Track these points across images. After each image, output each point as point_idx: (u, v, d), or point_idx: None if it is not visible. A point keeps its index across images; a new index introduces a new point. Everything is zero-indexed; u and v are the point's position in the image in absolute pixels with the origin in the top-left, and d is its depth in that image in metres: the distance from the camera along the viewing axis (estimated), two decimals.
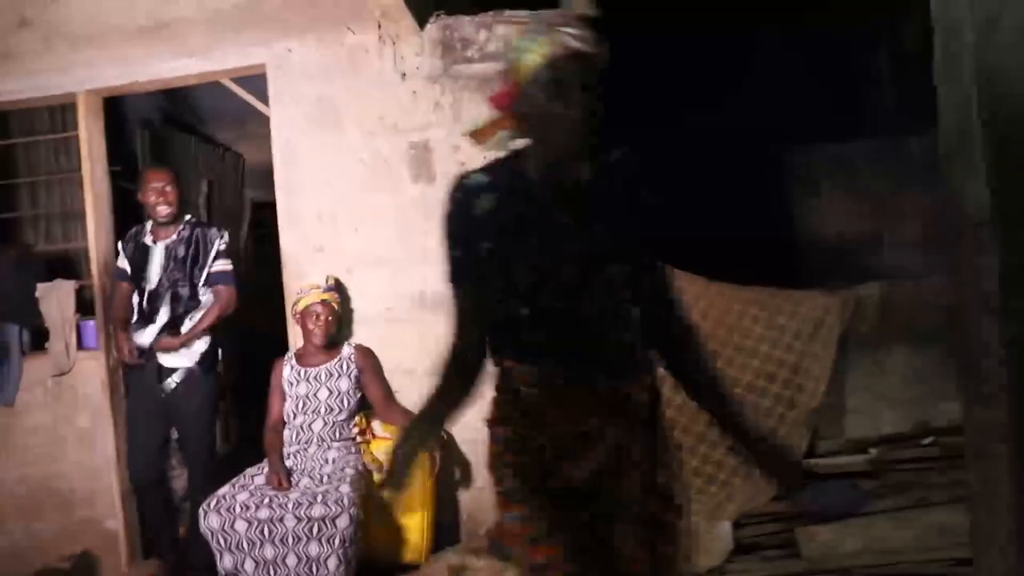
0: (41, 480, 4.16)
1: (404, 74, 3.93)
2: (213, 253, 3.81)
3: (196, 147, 5.96)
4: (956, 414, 2.05)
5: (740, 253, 5.48)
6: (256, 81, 4.37)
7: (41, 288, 4.21)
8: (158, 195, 3.79)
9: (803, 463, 3.41)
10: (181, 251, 3.80)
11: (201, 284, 3.79)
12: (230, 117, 6.80)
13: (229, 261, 3.86)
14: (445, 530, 3.72)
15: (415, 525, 3.55)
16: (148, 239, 3.86)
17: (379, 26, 3.92)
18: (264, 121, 6.25)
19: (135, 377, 3.87)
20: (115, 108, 4.65)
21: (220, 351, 3.88)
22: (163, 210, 3.79)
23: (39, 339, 4.26)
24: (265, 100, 4.32)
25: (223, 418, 4.74)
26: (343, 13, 3.95)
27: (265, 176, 7.27)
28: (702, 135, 5.88)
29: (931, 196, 3.65)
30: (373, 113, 3.94)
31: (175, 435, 3.91)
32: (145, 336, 3.74)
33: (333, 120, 3.98)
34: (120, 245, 3.96)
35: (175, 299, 3.78)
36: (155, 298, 3.78)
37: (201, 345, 3.77)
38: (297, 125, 4.00)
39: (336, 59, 3.98)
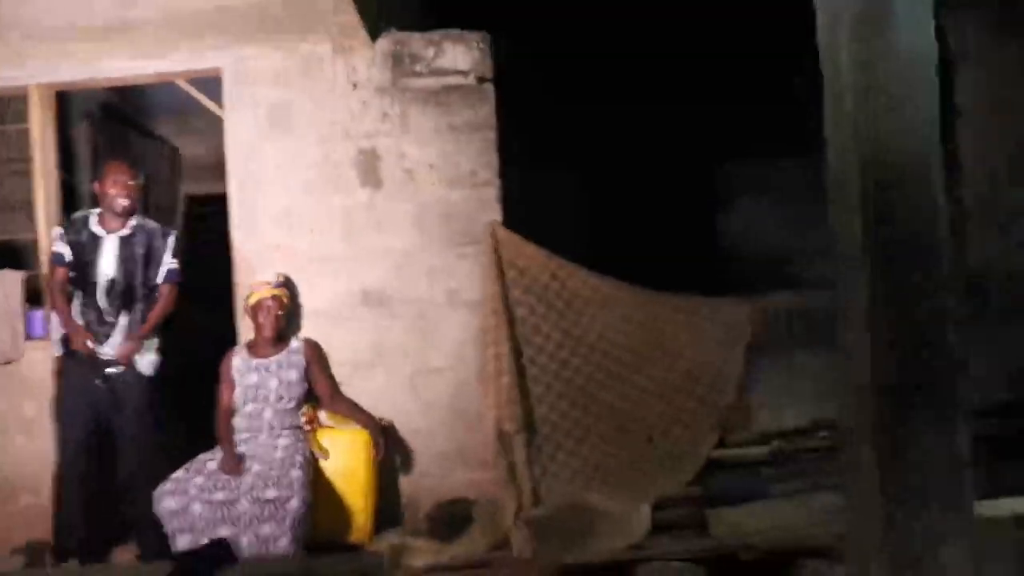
0: None
1: (356, 84, 4.17)
2: (169, 252, 3.95)
3: (135, 141, 6.03)
4: None
5: (669, 264, 5.88)
6: (207, 81, 4.54)
7: None
8: (120, 188, 3.88)
9: (712, 453, 3.79)
10: (137, 247, 3.90)
11: (158, 281, 3.93)
12: (171, 111, 6.91)
13: (176, 260, 3.99)
14: (386, 513, 3.97)
15: (359, 508, 3.79)
16: (97, 229, 3.92)
17: (334, 38, 4.14)
18: (205, 116, 6.41)
19: (74, 366, 3.89)
20: (57, 99, 4.72)
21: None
22: (122, 203, 3.89)
23: None
24: (215, 99, 4.50)
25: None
26: (299, 23, 4.16)
27: (203, 170, 7.41)
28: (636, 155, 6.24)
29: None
30: (325, 119, 4.17)
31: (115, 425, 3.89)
32: (108, 346, 3.83)
33: (286, 125, 4.18)
34: (59, 231, 4.00)
35: (132, 296, 3.88)
36: (112, 293, 3.86)
37: (149, 344, 3.92)
38: (252, 128, 4.19)
39: (291, 66, 4.19)
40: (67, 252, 3.90)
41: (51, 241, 4.08)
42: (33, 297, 4.34)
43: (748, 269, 6.07)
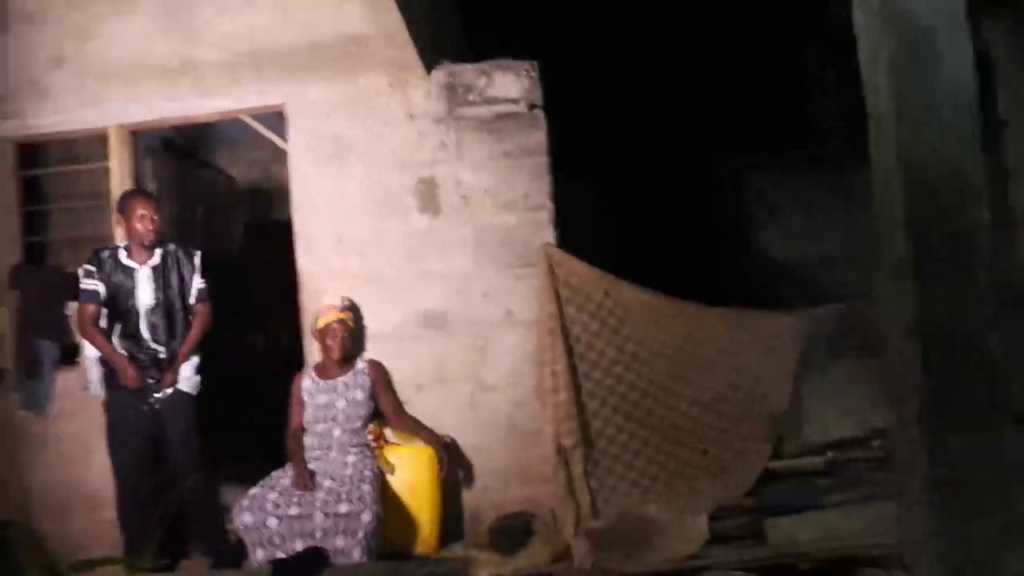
0: (71, 484, 4.49)
1: (412, 115, 4.36)
2: (197, 272, 4.12)
3: (195, 172, 6.30)
4: None
5: (713, 276, 5.98)
6: (270, 116, 4.79)
7: (72, 307, 4.54)
8: (147, 222, 4.01)
9: (767, 464, 3.87)
10: (170, 273, 4.06)
11: (192, 302, 4.09)
12: (226, 141, 7.22)
13: (204, 279, 4.15)
14: (450, 526, 4.12)
15: (425, 521, 3.95)
16: (129, 262, 4.05)
17: (389, 71, 4.34)
18: (260, 146, 6.68)
19: (120, 398, 4.01)
20: None
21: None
22: (150, 237, 4.02)
23: (70, 355, 4.59)
24: (275, 130, 4.73)
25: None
26: (356, 59, 4.36)
27: (253, 197, 7.70)
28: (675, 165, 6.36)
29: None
30: (383, 150, 4.36)
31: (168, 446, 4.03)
32: (153, 373, 3.98)
33: (346, 156, 4.39)
34: (90, 269, 4.04)
35: (172, 321, 4.04)
36: (153, 322, 4.01)
37: (189, 363, 4.09)
38: (314, 160, 4.41)
39: (349, 100, 4.39)
40: (101, 289, 4.00)
41: (79, 279, 4.10)
42: None
43: (794, 279, 6.13)
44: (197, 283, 4.12)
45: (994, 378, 2.01)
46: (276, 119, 4.99)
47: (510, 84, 4.34)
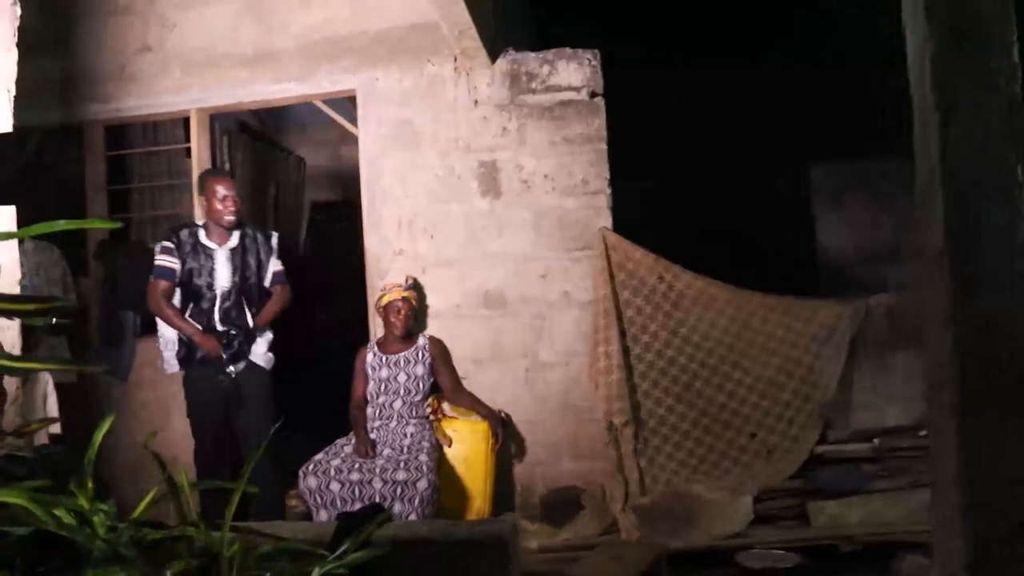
0: (151, 446, 4.79)
1: (476, 101, 4.51)
2: (274, 254, 4.17)
3: (267, 153, 6.56)
4: None
5: (768, 263, 6.02)
6: (341, 101, 4.99)
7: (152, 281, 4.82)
8: (229, 203, 4.02)
9: (815, 448, 3.95)
10: (248, 255, 4.08)
11: (267, 284, 4.15)
12: (296, 124, 7.49)
13: (280, 261, 4.21)
14: (502, 498, 4.30)
15: (478, 492, 4.13)
16: (208, 242, 4.05)
17: (455, 59, 4.50)
18: (327, 129, 6.90)
19: (197, 373, 4.04)
20: None
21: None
22: (229, 218, 4.03)
23: (151, 325, 4.88)
24: (343, 114, 4.94)
25: None
26: (424, 47, 4.54)
27: (325, 178, 7.96)
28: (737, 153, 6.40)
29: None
30: (448, 135, 4.53)
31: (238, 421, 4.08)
32: (228, 351, 3.98)
33: (413, 140, 4.57)
34: (168, 246, 4.03)
35: (249, 303, 4.07)
36: (229, 303, 4.03)
37: (264, 339, 4.14)
38: (381, 143, 4.60)
39: (416, 87, 4.57)
40: (177, 268, 4.02)
41: (155, 255, 4.12)
42: None
43: (847, 269, 6.13)
44: (274, 266, 4.16)
45: None
46: (347, 103, 5.21)
47: (572, 72, 4.45)
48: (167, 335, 4.12)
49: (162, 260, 4.05)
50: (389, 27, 4.59)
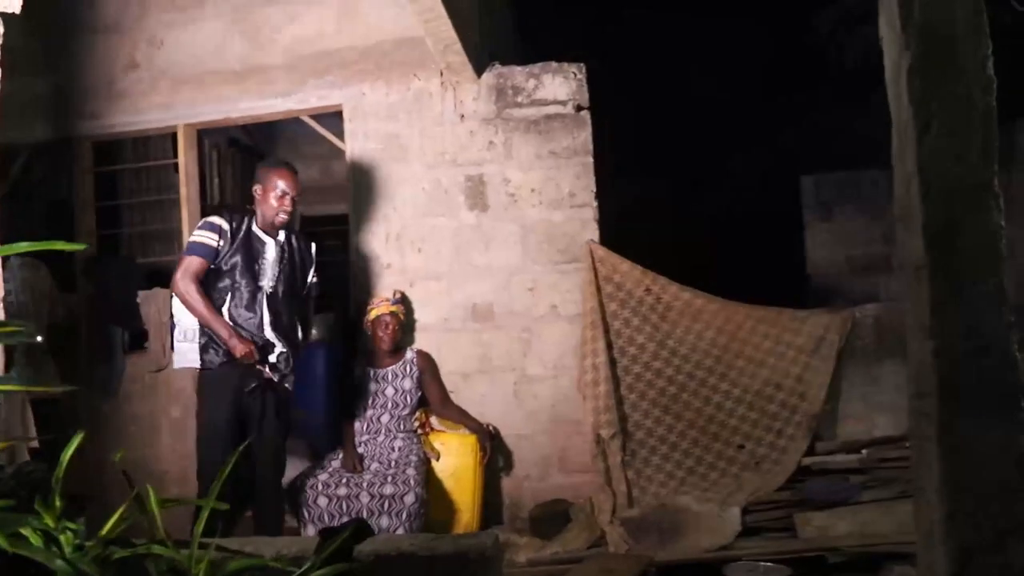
0: (140, 462, 4.77)
1: (463, 115, 4.53)
2: (314, 265, 3.89)
3: (254, 165, 6.53)
4: None
5: (757, 274, 6.05)
6: (330, 116, 5.00)
7: (142, 295, 4.82)
8: (283, 200, 3.63)
9: (803, 460, 3.94)
10: (295, 255, 3.73)
11: (303, 294, 3.82)
12: (283, 138, 7.50)
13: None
14: (491, 511, 4.28)
15: (466, 505, 4.12)
16: (259, 232, 3.65)
17: (441, 74, 4.52)
18: (317, 144, 6.91)
19: (221, 377, 3.54)
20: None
21: None
22: (283, 218, 3.65)
23: (139, 340, 4.87)
24: (331, 129, 4.95)
25: None
26: (410, 61, 4.55)
27: (316, 192, 7.95)
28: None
29: None
30: (435, 149, 4.54)
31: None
32: (270, 357, 3.56)
33: (400, 154, 4.58)
34: (218, 222, 3.57)
35: (289, 306, 3.67)
36: (273, 303, 3.61)
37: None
38: (368, 157, 4.61)
39: (403, 101, 4.59)
40: (218, 249, 3.53)
41: (196, 227, 3.70)
42: None
43: (837, 280, 6.15)
44: (312, 276, 3.87)
45: (1012, 379, 2.08)
46: (335, 119, 5.21)
47: (558, 86, 4.48)
48: (186, 322, 3.61)
49: (202, 236, 3.54)
50: (375, 42, 4.61)
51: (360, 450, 4.08)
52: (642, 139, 6.07)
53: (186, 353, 3.64)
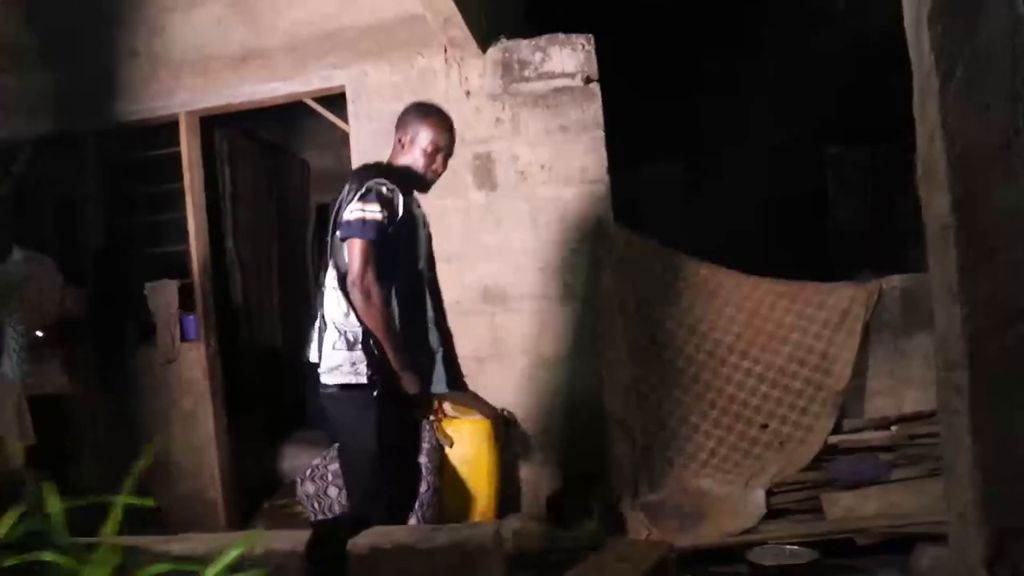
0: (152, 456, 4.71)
1: (468, 92, 4.39)
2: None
3: (269, 156, 6.46)
4: None
5: (779, 246, 5.87)
6: (332, 97, 4.89)
7: (149, 287, 4.76)
8: (435, 158, 2.88)
9: (829, 438, 3.79)
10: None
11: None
12: (298, 125, 7.41)
13: None
14: (508, 499, 4.17)
15: (482, 493, 4.00)
16: (414, 207, 2.82)
17: (445, 50, 4.38)
18: (332, 130, 6.81)
19: (380, 402, 2.76)
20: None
21: None
22: (433, 177, 2.88)
23: (149, 332, 4.81)
24: (339, 113, 4.84)
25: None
26: (413, 39, 4.42)
27: (331, 181, 7.86)
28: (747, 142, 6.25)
29: None
30: None
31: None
32: (438, 379, 2.92)
33: None
34: (381, 189, 2.66)
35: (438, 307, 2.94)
36: (436, 296, 2.92)
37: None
38: (373, 139, 4.48)
39: (407, 80, 4.46)
40: (384, 219, 2.64)
41: (357, 196, 2.68)
42: (185, 302, 4.77)
43: (860, 250, 5.96)
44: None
45: None
46: (342, 102, 5.10)
47: (566, 58, 4.32)
48: (343, 324, 2.72)
49: (368, 210, 2.62)
50: (377, 20, 4.48)
51: None
52: (657, 116, 5.89)
53: (344, 364, 2.72)
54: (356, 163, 4.52)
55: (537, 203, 4.31)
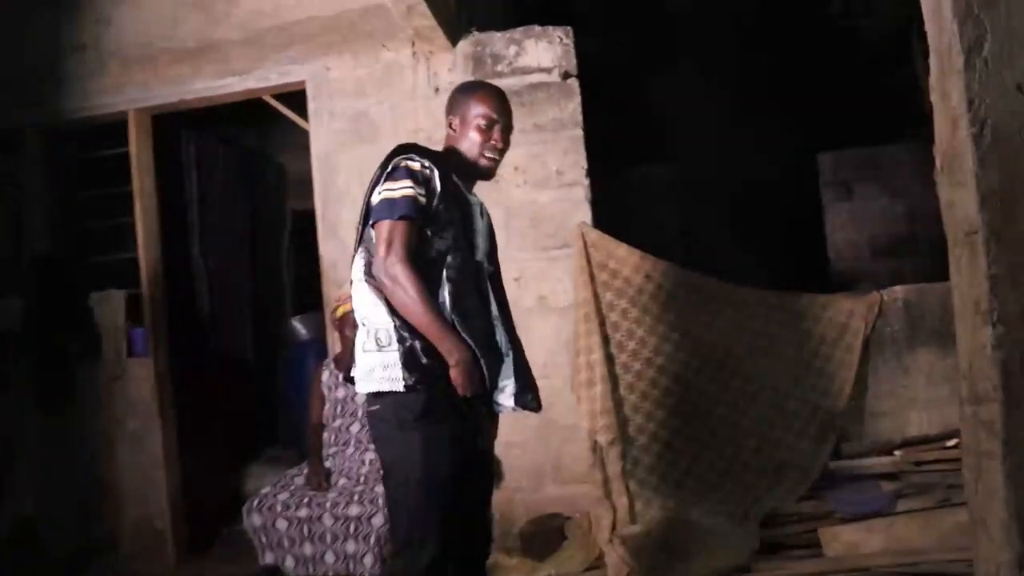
0: (94, 480, 4.36)
1: (437, 88, 4.07)
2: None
3: (243, 159, 6.14)
4: None
5: (774, 258, 5.57)
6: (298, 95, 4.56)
7: (94, 297, 4.41)
8: (492, 135, 2.48)
9: (828, 464, 3.47)
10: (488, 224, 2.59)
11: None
12: (277, 127, 7.06)
13: None
14: None
15: None
16: (465, 190, 2.50)
17: (413, 43, 4.07)
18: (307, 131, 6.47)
19: (445, 400, 2.24)
20: (165, 123, 4.78)
21: None
22: (489, 163, 2.52)
23: (94, 346, 4.45)
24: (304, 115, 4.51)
25: None
26: (378, 31, 4.11)
27: (304, 185, 7.52)
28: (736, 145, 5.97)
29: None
30: (408, 126, 4.09)
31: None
32: (508, 387, 2.44)
33: (370, 133, 4.14)
34: (410, 167, 2.31)
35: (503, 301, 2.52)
36: (499, 291, 2.52)
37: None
38: (335, 139, 4.17)
39: (372, 75, 4.14)
40: (426, 207, 2.29)
41: (386, 175, 2.33)
42: (133, 315, 4.42)
43: (860, 261, 5.68)
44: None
45: None
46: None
47: (542, 52, 4.01)
48: (379, 321, 2.27)
49: (402, 188, 2.27)
50: (340, 11, 4.17)
51: (327, 464, 3.64)
52: (644, 116, 5.61)
53: (376, 368, 2.25)
54: (316, 167, 4.22)
55: (510, 208, 3.99)
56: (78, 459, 4.31)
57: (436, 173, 2.34)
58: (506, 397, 2.46)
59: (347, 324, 3.78)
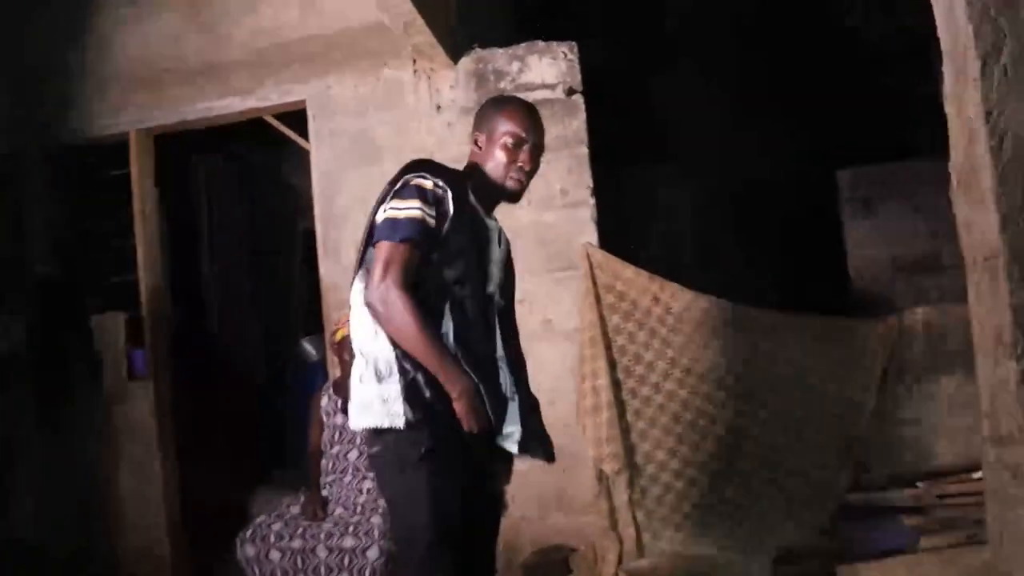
0: (96, 507, 4.27)
1: (439, 106, 4.00)
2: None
3: (253, 183, 6.11)
4: None
5: (792, 278, 5.41)
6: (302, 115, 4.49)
7: (95, 321, 4.35)
8: (520, 155, 2.30)
9: (846, 497, 3.31)
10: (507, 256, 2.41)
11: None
12: (289, 148, 7.02)
13: None
14: None
15: None
16: (479, 208, 2.28)
17: (414, 61, 4.00)
18: None
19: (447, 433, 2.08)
20: (172, 143, 4.73)
21: None
22: (516, 185, 2.32)
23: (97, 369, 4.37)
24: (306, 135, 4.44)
25: None
26: (379, 50, 4.05)
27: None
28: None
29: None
30: (411, 145, 3.99)
31: None
32: (515, 434, 2.24)
33: (371, 153, 4.06)
34: (420, 186, 2.11)
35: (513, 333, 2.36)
36: (507, 326, 2.31)
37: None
38: (337, 158, 4.10)
39: (373, 94, 4.08)
40: (433, 222, 2.11)
41: (394, 192, 2.14)
42: (135, 337, 4.35)
43: (881, 280, 5.51)
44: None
45: None
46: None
47: (546, 68, 3.92)
48: (375, 352, 2.09)
49: (409, 208, 2.10)
50: (341, 29, 4.12)
51: (324, 492, 3.52)
52: (653, 128, 5.50)
53: (374, 402, 2.09)
54: (317, 187, 4.14)
55: (514, 228, 3.77)
56: (79, 484, 4.23)
57: (450, 194, 2.15)
58: (511, 444, 2.25)
59: (346, 348, 3.68)
